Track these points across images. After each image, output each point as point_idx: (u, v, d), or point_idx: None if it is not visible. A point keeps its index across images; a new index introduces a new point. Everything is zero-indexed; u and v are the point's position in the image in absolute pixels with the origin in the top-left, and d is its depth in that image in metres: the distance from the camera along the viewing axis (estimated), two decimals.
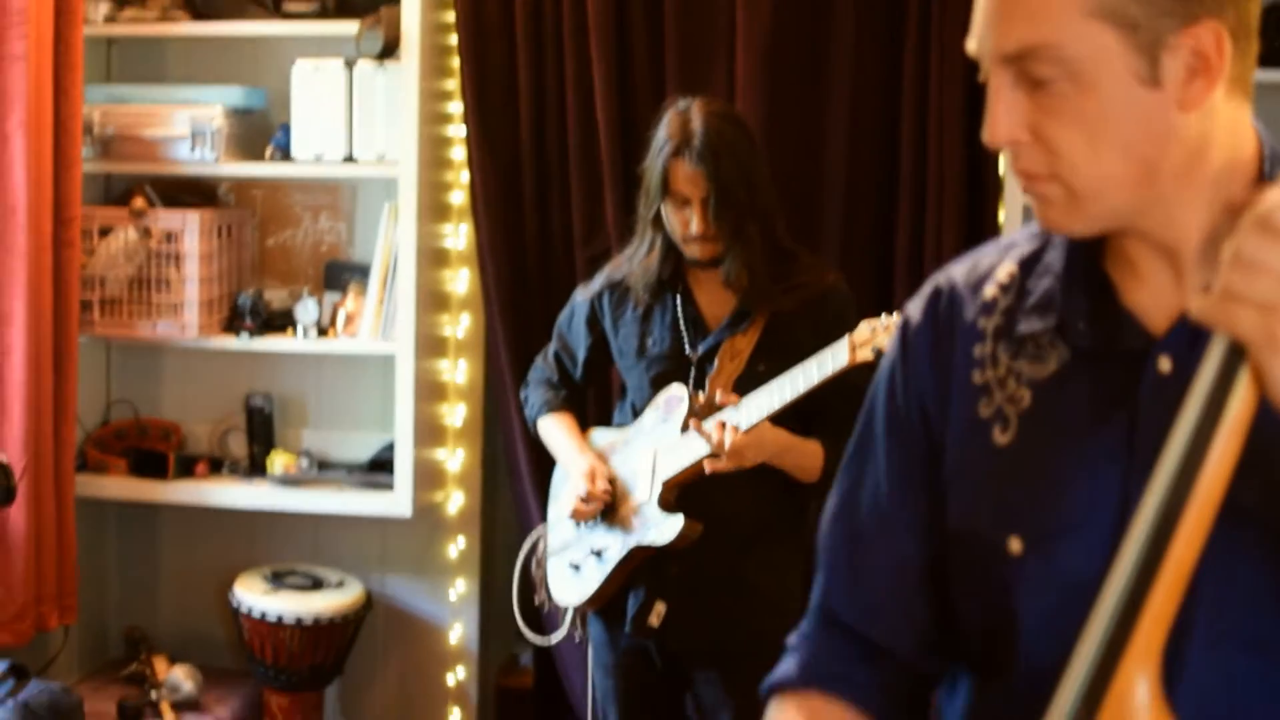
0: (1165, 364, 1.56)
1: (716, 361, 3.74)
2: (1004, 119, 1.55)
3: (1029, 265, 1.73)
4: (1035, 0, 1.51)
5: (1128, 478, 1.56)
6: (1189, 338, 1.53)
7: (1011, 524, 1.63)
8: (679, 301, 3.80)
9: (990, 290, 1.74)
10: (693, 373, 3.76)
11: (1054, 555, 1.60)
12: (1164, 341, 1.57)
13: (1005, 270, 1.75)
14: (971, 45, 1.59)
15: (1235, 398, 1.32)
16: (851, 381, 3.57)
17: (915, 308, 1.81)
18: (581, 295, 4.01)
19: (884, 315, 3.48)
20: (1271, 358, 1.28)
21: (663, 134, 3.74)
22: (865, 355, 3.46)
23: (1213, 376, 1.33)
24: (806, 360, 3.53)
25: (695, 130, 3.69)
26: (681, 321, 3.79)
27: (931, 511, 1.75)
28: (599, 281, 3.96)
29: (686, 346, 3.78)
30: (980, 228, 4.57)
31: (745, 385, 3.64)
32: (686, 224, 3.69)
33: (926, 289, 1.81)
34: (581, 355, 4.00)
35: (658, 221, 3.76)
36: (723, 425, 3.55)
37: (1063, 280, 1.67)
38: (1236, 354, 1.32)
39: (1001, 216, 4.55)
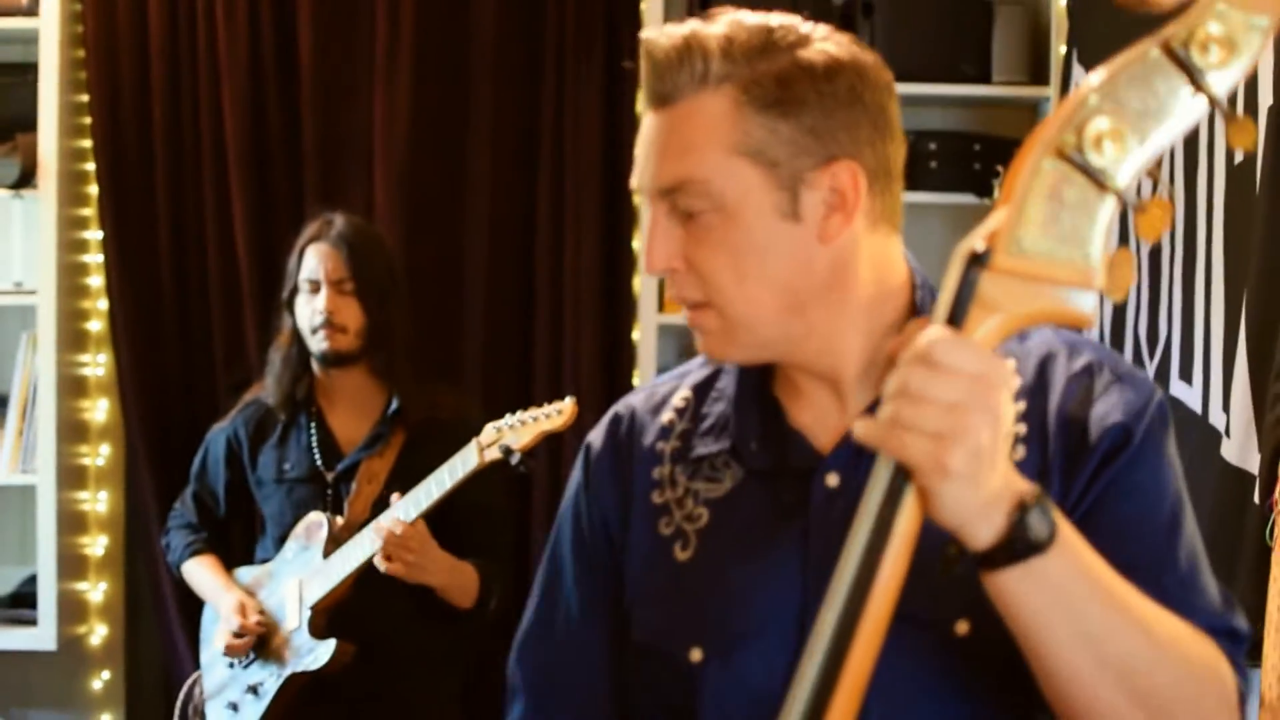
0: (833, 479, 1.65)
1: (355, 484, 3.76)
2: (659, 248, 1.63)
3: (703, 391, 1.81)
4: (685, 138, 1.60)
5: (805, 587, 1.63)
6: (853, 455, 1.63)
7: (692, 636, 1.68)
8: (313, 425, 3.82)
9: (667, 415, 1.81)
10: (329, 496, 3.78)
11: (734, 664, 1.65)
12: (830, 459, 1.66)
13: (681, 396, 1.82)
14: (633, 181, 1.67)
15: (902, 516, 1.37)
16: (485, 504, 3.66)
17: (597, 435, 1.86)
18: (215, 433, 4.00)
19: (507, 415, 3.56)
20: (939, 483, 1.35)
21: (303, 236, 3.80)
22: (493, 455, 3.51)
23: (880, 497, 1.38)
24: (439, 468, 3.57)
25: (334, 221, 3.77)
26: (316, 444, 3.81)
27: (620, 632, 1.78)
28: (233, 417, 3.96)
29: (323, 469, 3.79)
30: (617, 341, 4.72)
31: (383, 508, 3.65)
32: (318, 310, 3.72)
33: (607, 417, 1.87)
34: (222, 491, 3.97)
35: (294, 330, 3.80)
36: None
37: (735, 404, 1.75)
38: (902, 476, 1.37)
39: (636, 334, 4.68)
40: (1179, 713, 1.48)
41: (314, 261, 3.76)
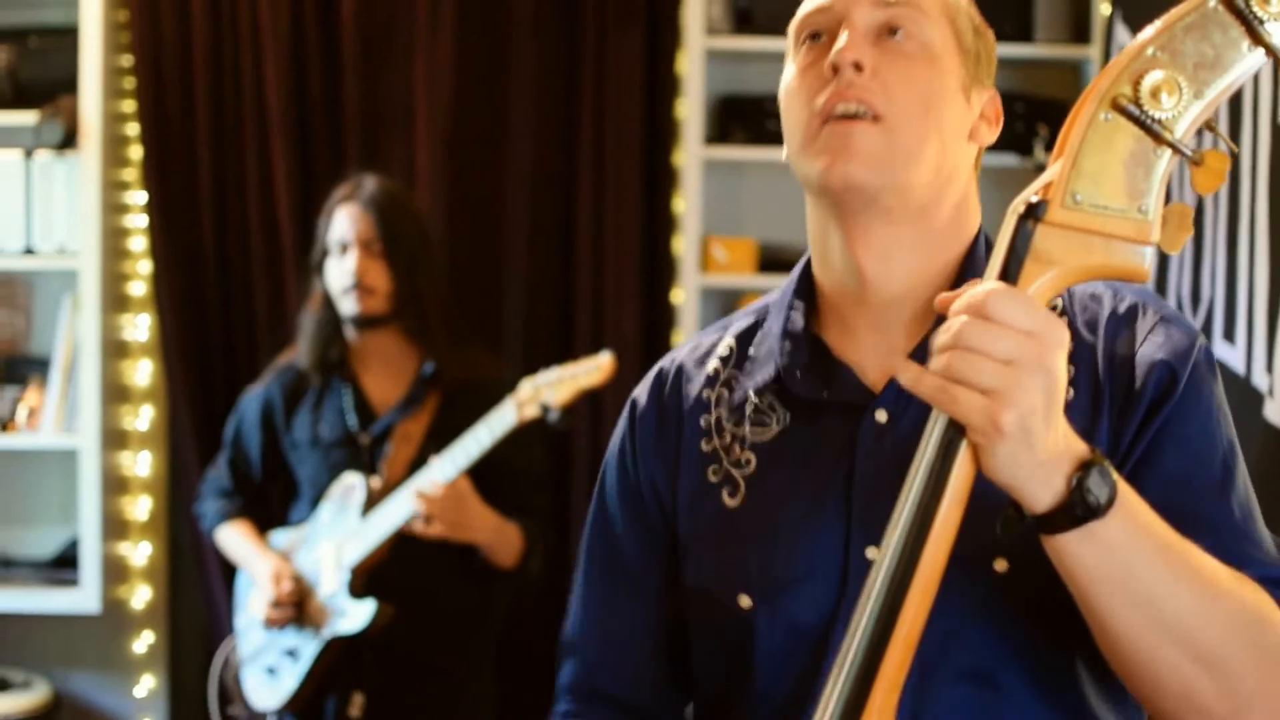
0: (882, 415, 1.65)
1: (390, 446, 3.77)
2: (857, 45, 1.64)
3: (747, 337, 1.82)
4: None
5: (848, 526, 1.64)
6: (902, 391, 1.59)
7: (741, 583, 1.69)
8: (347, 387, 3.83)
9: (713, 364, 1.82)
10: (365, 458, 3.78)
11: (783, 609, 1.66)
12: (881, 396, 1.66)
13: (725, 344, 1.83)
14: (820, 2, 1.69)
15: (956, 471, 1.39)
16: (522, 466, 3.67)
17: (641, 391, 1.88)
18: (249, 398, 4.01)
19: (542, 371, 3.57)
20: (992, 441, 1.36)
21: (333, 198, 3.81)
22: (531, 412, 3.54)
23: (934, 451, 1.40)
24: (476, 426, 3.58)
25: (364, 183, 3.78)
26: (351, 406, 3.81)
27: (672, 575, 1.80)
28: (267, 381, 3.98)
29: (358, 432, 3.80)
30: (657, 310, 4.71)
31: (419, 469, 3.67)
32: (348, 272, 3.73)
33: (652, 372, 1.89)
34: (257, 454, 3.97)
35: (325, 293, 3.81)
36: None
37: (781, 338, 1.75)
38: (956, 430, 1.39)
39: (680, 297, 4.68)
40: (1234, 666, 1.48)
41: (343, 223, 3.76)
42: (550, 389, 3.56)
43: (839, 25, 1.66)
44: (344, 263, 3.74)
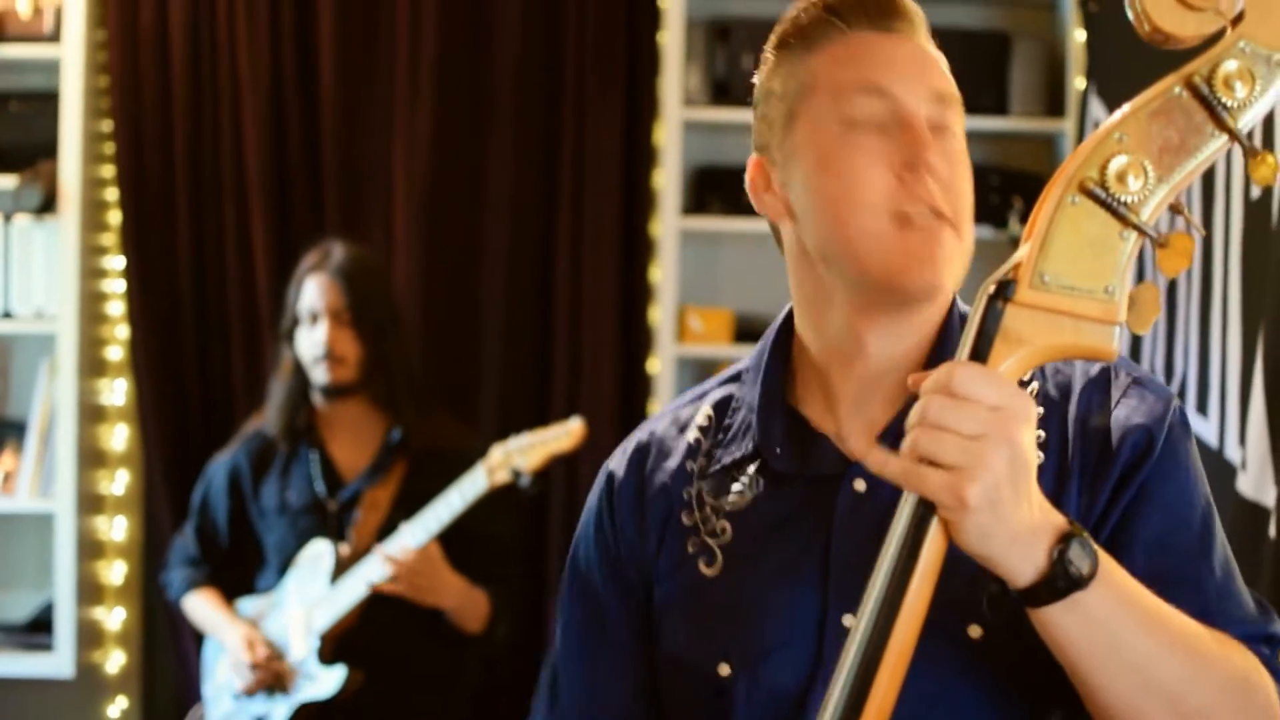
0: (860, 485, 1.65)
1: (358, 513, 3.78)
2: (940, 150, 1.63)
3: (723, 406, 1.81)
4: (943, 67, 1.72)
5: (824, 594, 1.64)
6: None
7: (720, 652, 1.69)
8: (315, 454, 3.83)
9: (692, 435, 1.81)
10: (333, 525, 3.79)
11: (762, 676, 1.66)
12: (858, 464, 1.65)
13: (703, 414, 1.82)
14: (884, 81, 1.65)
15: (928, 546, 1.40)
16: (491, 533, 3.68)
17: (618, 463, 1.86)
18: (216, 465, 4.02)
19: (511, 438, 3.59)
20: (960, 515, 1.37)
21: (302, 266, 3.82)
22: (503, 477, 3.56)
23: (906, 527, 1.41)
24: (448, 491, 3.59)
25: (333, 252, 3.79)
26: (319, 473, 3.82)
27: (650, 641, 1.79)
28: (234, 448, 3.98)
29: (325, 498, 3.81)
30: (633, 379, 4.74)
31: (387, 536, 3.68)
32: (318, 342, 3.74)
33: (630, 444, 1.87)
34: (224, 521, 3.98)
35: (295, 361, 3.82)
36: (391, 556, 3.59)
37: (758, 412, 1.75)
38: (928, 507, 1.40)
39: (656, 367, 4.70)
40: None
41: (313, 293, 3.79)
42: (521, 454, 3.59)
43: (891, 115, 1.64)
44: (314, 333, 3.76)
